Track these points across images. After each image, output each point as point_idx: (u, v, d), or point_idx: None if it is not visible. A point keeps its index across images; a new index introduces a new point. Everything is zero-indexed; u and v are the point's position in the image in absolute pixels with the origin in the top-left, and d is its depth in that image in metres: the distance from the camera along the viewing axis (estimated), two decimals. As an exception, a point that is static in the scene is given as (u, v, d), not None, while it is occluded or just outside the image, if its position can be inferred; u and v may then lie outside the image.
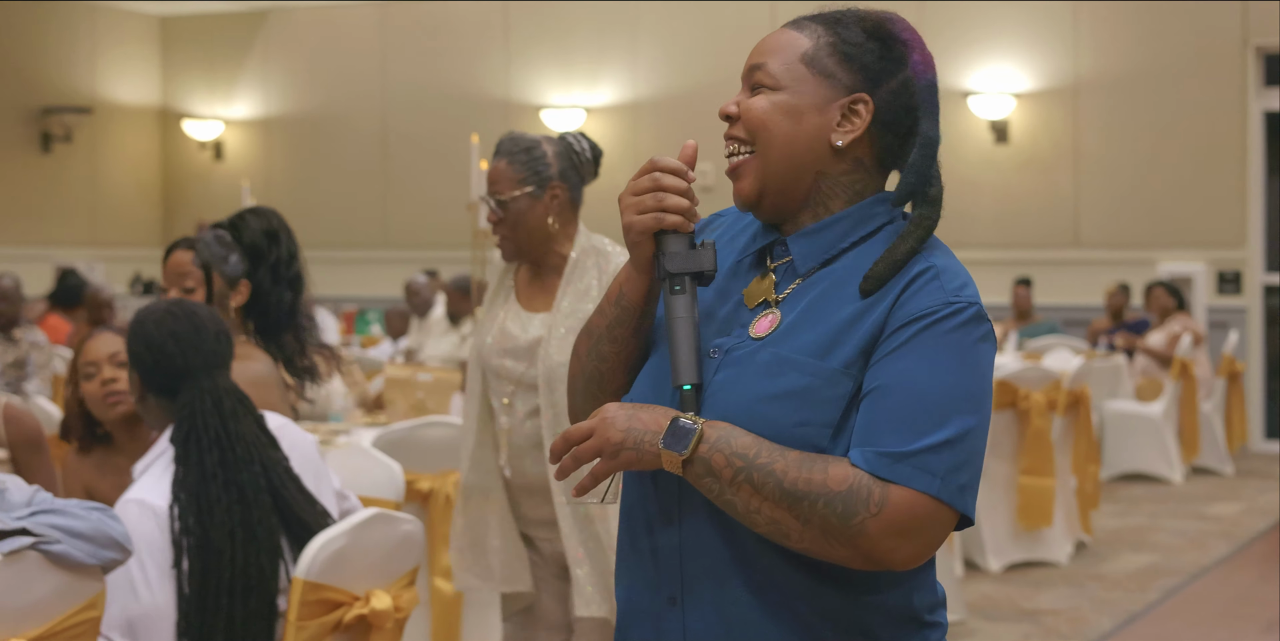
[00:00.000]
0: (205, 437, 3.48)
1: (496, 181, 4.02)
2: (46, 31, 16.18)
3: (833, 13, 2.17)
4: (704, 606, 2.06)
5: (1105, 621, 7.25)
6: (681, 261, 2.04)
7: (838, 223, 2.11)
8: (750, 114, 2.10)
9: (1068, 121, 14.22)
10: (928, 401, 1.99)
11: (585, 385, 2.18)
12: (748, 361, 2.05)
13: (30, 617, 3.07)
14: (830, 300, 2.07)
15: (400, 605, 3.56)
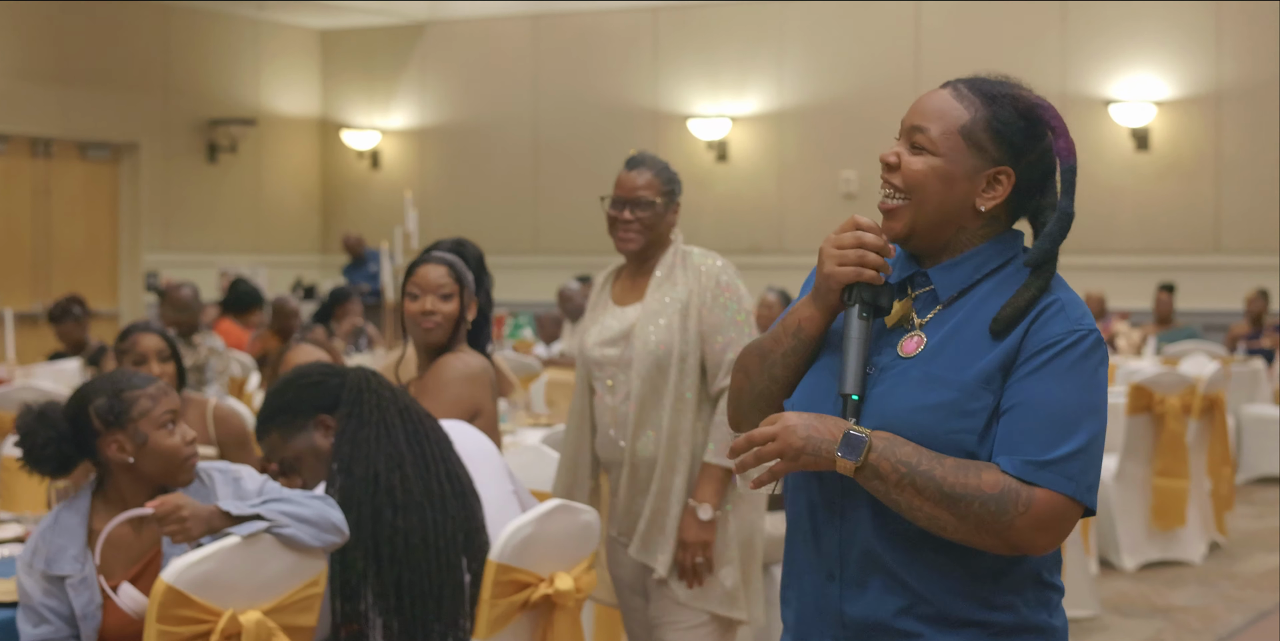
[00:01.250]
0: (370, 396, 3.92)
1: (643, 187, 4.61)
2: (212, 46, 16.86)
3: (990, 87, 2.51)
4: (855, 582, 2.45)
5: (1236, 618, 7.51)
6: (870, 296, 2.42)
7: (974, 256, 2.47)
8: (910, 172, 2.44)
9: (1209, 128, 14.37)
10: (1062, 416, 2.36)
11: (754, 400, 2.55)
12: (902, 377, 2.41)
13: (264, 592, 3.53)
14: (969, 325, 2.43)
15: (581, 586, 3.98)
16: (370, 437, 3.86)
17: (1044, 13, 14.86)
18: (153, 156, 16.28)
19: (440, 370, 4.56)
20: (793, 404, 2.52)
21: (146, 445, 3.66)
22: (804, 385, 2.51)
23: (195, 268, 16.32)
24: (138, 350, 5.34)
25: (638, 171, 4.63)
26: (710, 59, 16.26)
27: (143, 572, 3.67)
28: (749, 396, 2.55)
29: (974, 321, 2.43)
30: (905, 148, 2.46)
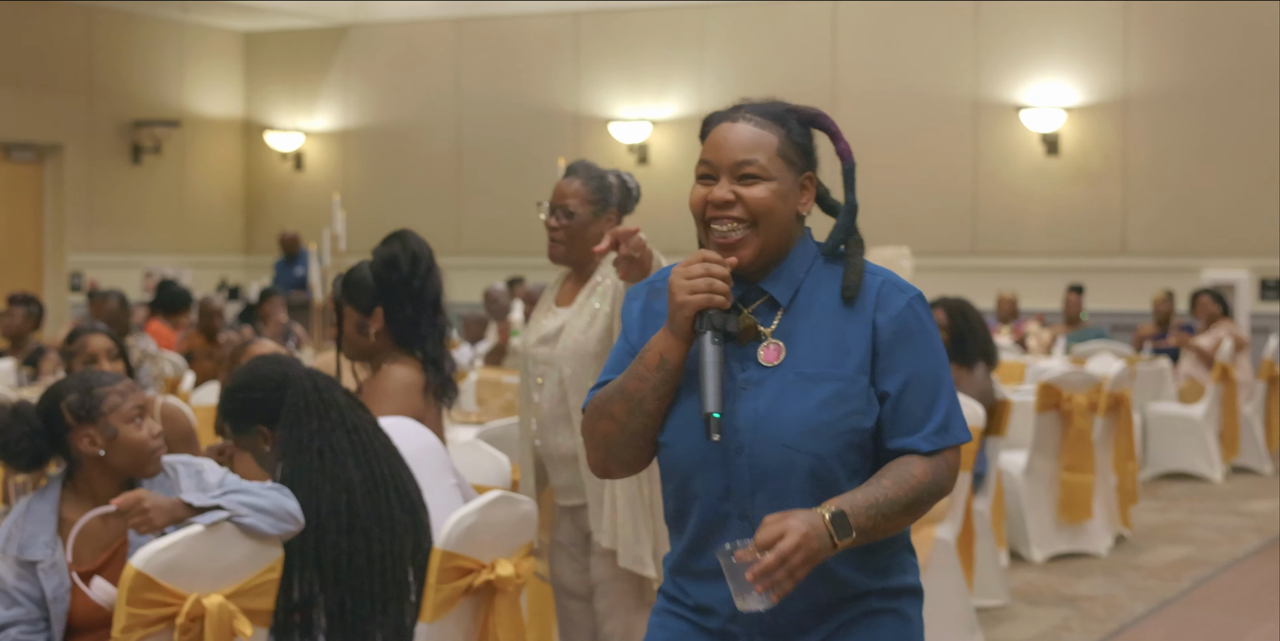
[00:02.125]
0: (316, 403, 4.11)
1: (569, 196, 4.74)
2: (137, 48, 16.97)
3: (772, 109, 2.78)
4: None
5: (1139, 607, 7.84)
6: (720, 322, 2.66)
7: (792, 261, 2.76)
8: (756, 201, 2.69)
9: (1117, 134, 14.78)
10: (934, 382, 2.71)
11: (628, 440, 2.73)
12: (780, 383, 2.66)
13: (225, 577, 3.75)
14: (817, 319, 2.71)
15: (520, 572, 4.23)
16: (312, 464, 4.00)
17: (958, 22, 15.21)
18: (77, 157, 16.38)
19: (377, 382, 4.76)
20: (669, 436, 2.73)
21: (116, 439, 3.88)
22: (675, 415, 2.73)
23: (120, 268, 16.44)
24: (87, 350, 5.55)
25: (568, 179, 4.75)
26: (631, 63, 16.53)
27: (110, 560, 3.88)
28: (621, 438, 2.73)
29: (818, 314, 2.72)
30: (732, 183, 2.71)
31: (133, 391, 3.92)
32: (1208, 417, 12.19)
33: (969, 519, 7.37)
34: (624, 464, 2.77)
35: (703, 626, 2.77)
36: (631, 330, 2.81)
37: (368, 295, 4.86)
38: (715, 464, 2.68)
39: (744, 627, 2.72)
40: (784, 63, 15.86)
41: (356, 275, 4.89)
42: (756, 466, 2.66)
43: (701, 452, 2.69)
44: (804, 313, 2.72)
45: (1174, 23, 14.54)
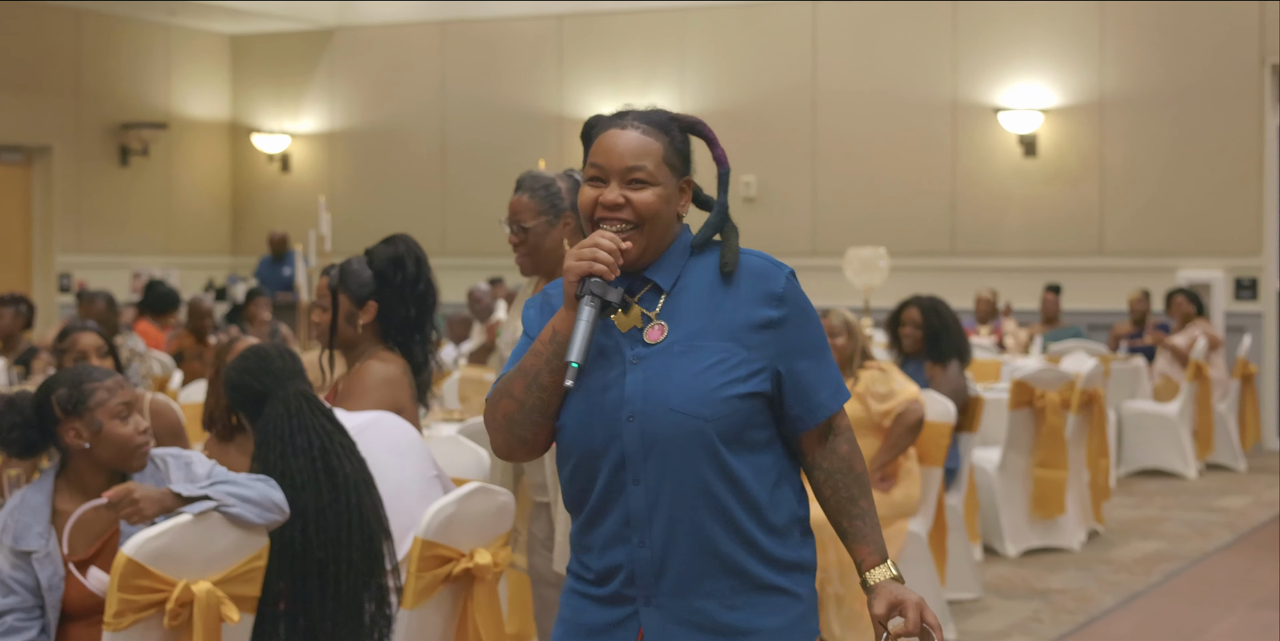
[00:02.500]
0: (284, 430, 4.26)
1: (520, 212, 4.83)
2: (124, 50, 17.09)
3: (657, 117, 2.98)
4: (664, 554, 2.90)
5: (1109, 599, 8.02)
6: (599, 289, 2.86)
7: (672, 252, 2.97)
8: (644, 204, 2.90)
9: (1093, 136, 14.95)
10: (820, 348, 2.96)
11: (527, 415, 2.91)
12: (667, 355, 2.87)
13: (213, 565, 3.91)
14: (697, 298, 2.92)
15: (498, 561, 4.38)
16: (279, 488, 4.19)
17: (937, 24, 15.38)
18: (65, 159, 16.50)
19: (360, 376, 4.92)
20: (566, 418, 2.91)
21: (101, 433, 4.03)
22: (570, 399, 2.91)
23: (108, 269, 16.57)
24: (77, 348, 5.70)
25: (517, 195, 4.85)
26: (614, 64, 16.68)
27: (102, 550, 4.03)
28: (520, 415, 2.91)
29: (698, 294, 2.93)
30: (621, 186, 2.92)
31: (121, 387, 4.07)
32: (1182, 415, 12.36)
33: (941, 513, 7.53)
34: (524, 442, 2.93)
35: (600, 596, 2.92)
36: (532, 327, 2.99)
37: (363, 288, 5.02)
38: (610, 435, 2.86)
39: (640, 591, 2.88)
40: (764, 64, 16.02)
41: (354, 266, 5.04)
42: (648, 433, 2.83)
43: (596, 426, 2.87)
44: (685, 294, 2.93)
45: (1149, 25, 14.71)
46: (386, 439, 4.57)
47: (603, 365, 2.90)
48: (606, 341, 2.92)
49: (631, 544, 2.87)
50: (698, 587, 2.87)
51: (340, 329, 5.02)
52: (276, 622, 4.17)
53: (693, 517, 2.85)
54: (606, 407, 2.87)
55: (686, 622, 2.87)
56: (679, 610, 2.87)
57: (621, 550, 2.87)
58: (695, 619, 2.87)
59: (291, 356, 4.48)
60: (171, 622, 3.82)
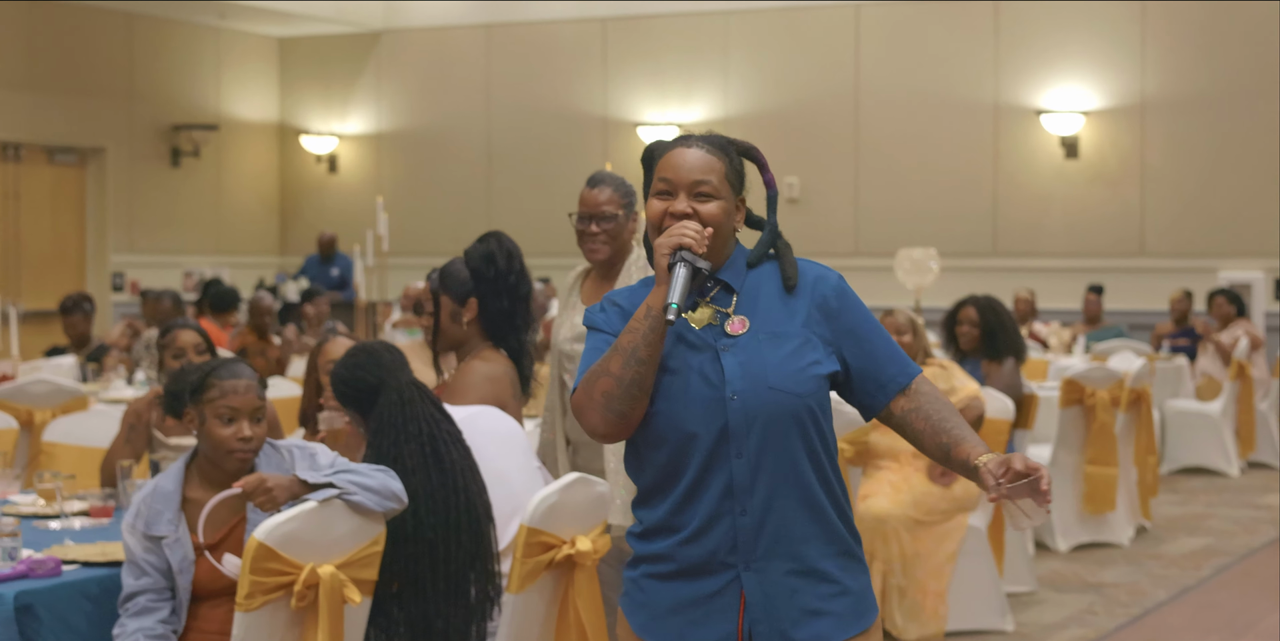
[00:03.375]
0: (398, 418, 4.48)
1: (603, 203, 5.16)
2: (176, 54, 17.36)
3: (719, 141, 3.26)
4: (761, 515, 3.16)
5: (1161, 593, 8.19)
6: (690, 257, 3.12)
7: (736, 258, 3.25)
8: (710, 216, 3.18)
9: (1134, 138, 15.12)
10: (877, 332, 3.25)
11: (626, 390, 3.12)
12: (754, 343, 3.15)
13: (335, 549, 4.12)
14: (768, 298, 3.21)
15: (597, 547, 4.59)
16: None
17: (979, 27, 15.56)
18: (118, 160, 16.77)
19: (464, 374, 5.15)
20: (662, 403, 3.15)
21: (204, 427, 4.26)
22: (664, 384, 3.16)
23: (159, 268, 16.85)
24: (177, 344, 5.94)
25: (599, 188, 5.17)
26: (657, 68, 16.88)
27: (229, 535, 4.25)
28: (618, 391, 3.13)
29: (768, 292, 3.23)
30: (689, 199, 3.20)
31: (236, 393, 4.26)
32: (1224, 414, 12.51)
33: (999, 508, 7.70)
34: (622, 417, 3.13)
35: (692, 570, 3.16)
36: (605, 324, 3.24)
37: (463, 286, 5.25)
38: (711, 414, 3.12)
39: (741, 557, 3.13)
40: (807, 66, 16.21)
41: (453, 267, 5.28)
42: (751, 409, 3.11)
43: (696, 407, 3.12)
44: (755, 295, 3.22)
45: (1190, 27, 14.87)
46: (489, 429, 4.79)
47: (691, 354, 3.16)
48: (689, 335, 3.19)
49: (734, 513, 3.12)
50: (792, 549, 3.14)
51: (446, 328, 5.24)
52: (390, 603, 4.39)
53: (787, 485, 3.13)
54: (705, 389, 3.13)
55: (782, 583, 3.14)
56: (775, 571, 3.14)
57: (724, 521, 3.12)
58: (790, 578, 3.14)
59: (395, 350, 4.69)
60: (298, 604, 4.03)
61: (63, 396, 8.21)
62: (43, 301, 15.29)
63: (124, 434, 5.66)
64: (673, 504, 3.17)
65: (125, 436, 5.65)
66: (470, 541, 4.42)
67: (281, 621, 4.06)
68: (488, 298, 5.26)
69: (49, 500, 5.25)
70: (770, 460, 3.12)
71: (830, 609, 3.17)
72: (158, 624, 4.18)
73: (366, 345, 4.68)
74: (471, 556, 4.43)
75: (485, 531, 4.48)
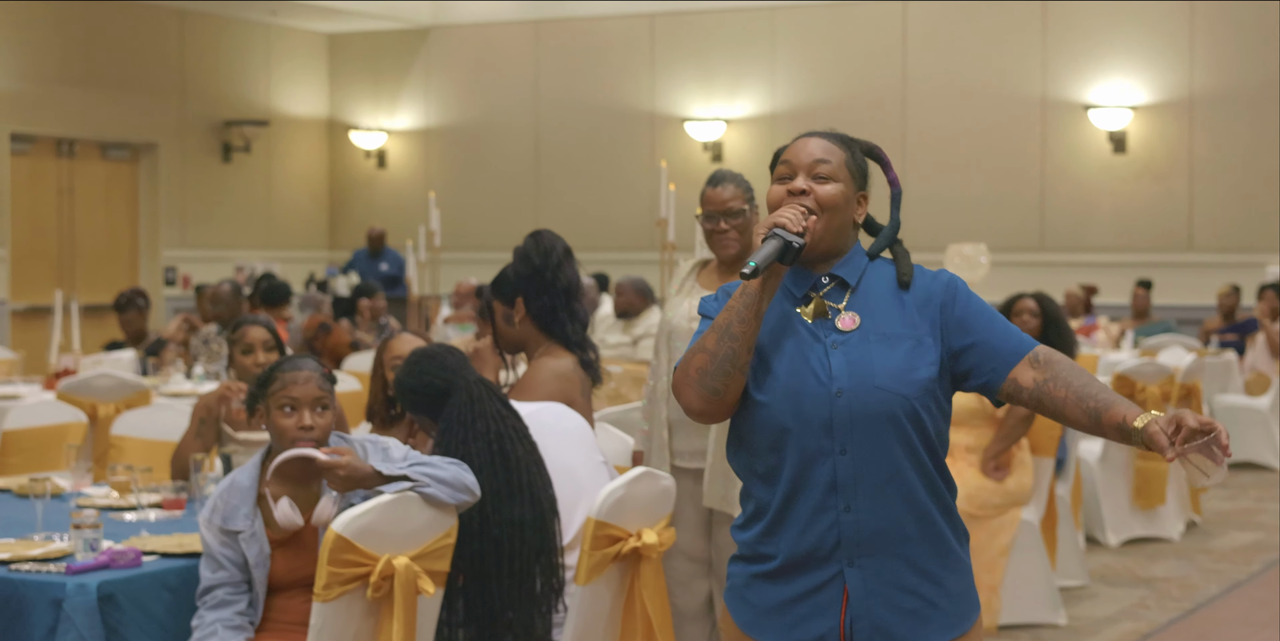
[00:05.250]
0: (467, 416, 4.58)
1: (730, 199, 5.36)
2: (226, 50, 17.51)
3: (841, 136, 3.31)
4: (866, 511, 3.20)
5: (1213, 587, 8.24)
6: (783, 233, 3.14)
7: (854, 255, 3.27)
8: (826, 195, 3.21)
9: (1182, 132, 15.12)
10: (991, 317, 3.23)
11: (719, 365, 3.14)
12: (864, 343, 3.17)
13: (409, 541, 4.21)
14: (881, 297, 3.23)
15: (662, 541, 4.67)
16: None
17: (1026, 22, 15.58)
18: (170, 156, 16.93)
19: (533, 372, 5.24)
20: (767, 394, 3.18)
21: (269, 418, 4.37)
22: (770, 376, 3.19)
23: (211, 263, 17.00)
24: (245, 340, 6.04)
25: (722, 186, 5.37)
26: (705, 63, 16.95)
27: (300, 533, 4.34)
28: (712, 367, 3.16)
29: (882, 293, 3.24)
30: (808, 179, 3.24)
31: (296, 383, 4.36)
32: (1273, 409, 12.53)
33: (1052, 503, 7.77)
34: (716, 393, 3.16)
35: (795, 566, 3.19)
36: (717, 311, 3.28)
37: (509, 288, 5.35)
38: (816, 409, 3.14)
39: (845, 553, 3.16)
40: (854, 62, 16.25)
41: (502, 274, 5.38)
42: (855, 407, 3.12)
43: (803, 400, 3.15)
44: (869, 294, 3.23)
45: (1239, 23, 14.86)
46: (555, 425, 4.88)
47: (800, 347, 3.18)
48: (801, 329, 3.22)
49: (838, 509, 3.15)
50: (895, 547, 3.17)
51: (503, 331, 5.34)
52: (457, 595, 4.49)
53: (891, 484, 3.15)
54: (813, 384, 3.15)
55: (886, 581, 3.17)
56: (879, 569, 3.16)
57: (827, 516, 3.15)
58: (893, 576, 3.17)
59: (456, 350, 4.79)
60: (374, 594, 4.12)
61: (126, 390, 8.32)
62: (97, 296, 15.45)
63: (194, 427, 5.77)
64: (778, 497, 3.20)
65: (195, 430, 5.76)
66: (535, 536, 4.51)
67: (358, 611, 4.16)
68: (531, 295, 5.34)
69: (123, 493, 5.36)
70: (874, 458, 3.14)
71: (932, 609, 3.19)
72: (235, 615, 4.28)
73: (427, 350, 4.76)
74: (536, 551, 4.51)
75: (550, 526, 4.57)
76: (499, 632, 4.51)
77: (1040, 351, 3.19)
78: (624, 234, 16.67)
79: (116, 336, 11.52)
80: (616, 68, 17.32)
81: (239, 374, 6.02)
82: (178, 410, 6.87)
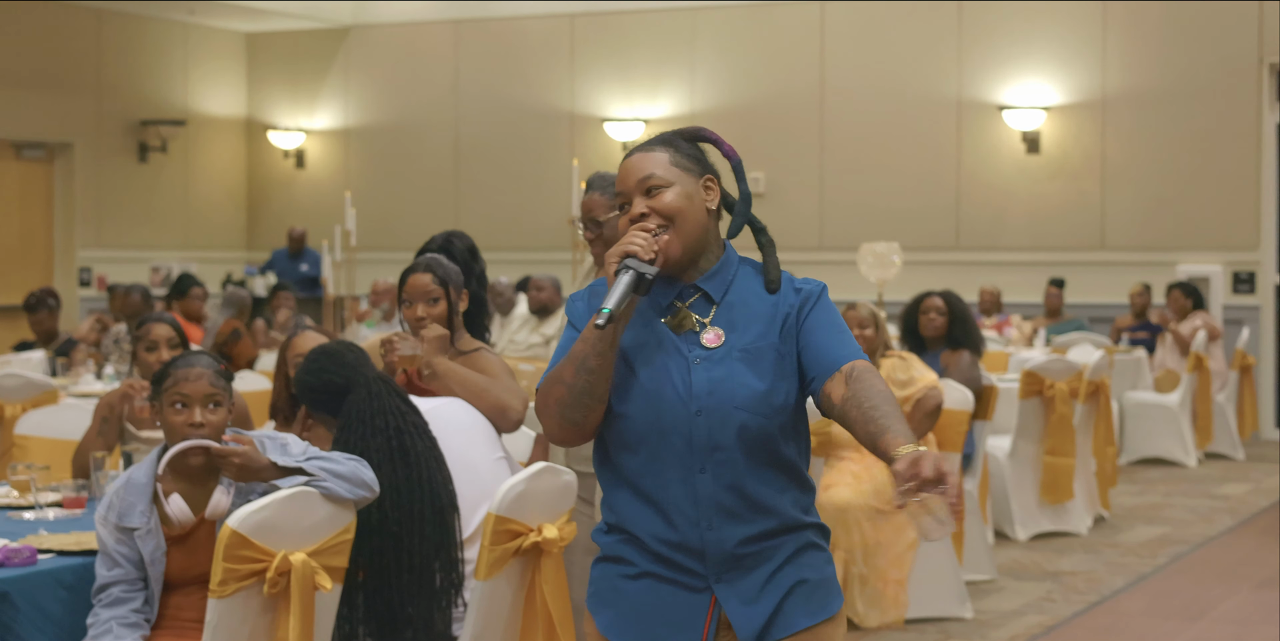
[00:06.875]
0: (366, 412, 4.59)
1: (593, 209, 5.28)
2: (144, 49, 17.40)
3: (661, 136, 3.27)
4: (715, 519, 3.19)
5: (1119, 580, 8.35)
6: (634, 264, 3.11)
7: (723, 265, 3.24)
8: (665, 205, 3.17)
9: (1095, 133, 15.28)
10: (838, 327, 3.21)
11: (577, 398, 3.10)
12: (727, 360, 3.14)
13: (307, 537, 4.22)
14: (746, 309, 3.21)
15: (563, 535, 4.70)
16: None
17: (942, 23, 15.70)
18: (86, 156, 16.82)
19: (488, 364, 5.25)
20: (631, 408, 3.16)
21: (162, 413, 4.37)
22: (633, 390, 3.16)
23: (127, 263, 16.89)
24: (150, 337, 6.04)
25: (589, 194, 5.31)
26: (625, 63, 16.99)
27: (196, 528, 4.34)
28: (570, 398, 3.14)
29: (749, 304, 3.21)
30: (642, 199, 3.20)
31: (189, 381, 4.35)
32: (1183, 406, 12.70)
33: (959, 497, 7.85)
34: (575, 424, 3.15)
35: (666, 576, 3.19)
36: (579, 319, 3.26)
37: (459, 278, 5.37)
38: (675, 428, 3.12)
39: (711, 569, 3.17)
40: (772, 63, 16.33)
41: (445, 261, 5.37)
42: (714, 425, 3.11)
43: (663, 418, 3.13)
44: (735, 304, 3.20)
45: (1151, 24, 15.03)
46: (455, 419, 4.91)
47: (664, 359, 3.16)
48: (666, 341, 3.18)
49: (700, 527, 3.15)
50: (758, 559, 3.18)
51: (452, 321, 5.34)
52: (356, 592, 4.50)
53: (750, 501, 3.15)
54: (673, 401, 3.13)
55: (751, 588, 3.18)
56: (744, 580, 3.18)
57: (694, 529, 3.15)
58: (758, 581, 3.18)
59: (355, 347, 4.80)
60: (270, 590, 4.13)
61: (33, 390, 8.28)
62: (9, 297, 15.33)
63: (96, 426, 5.76)
64: (642, 508, 3.19)
65: (97, 428, 5.75)
66: (435, 532, 4.53)
67: (254, 608, 4.16)
68: (474, 291, 5.42)
69: (23, 491, 5.34)
70: (733, 477, 3.13)
71: (795, 600, 3.20)
72: (131, 613, 4.28)
73: (326, 348, 4.77)
74: (436, 546, 4.54)
75: (450, 521, 4.59)
76: (399, 628, 4.53)
77: (857, 367, 3.14)
78: (543, 233, 16.68)
79: (28, 337, 11.44)
80: (537, 68, 17.34)
81: (143, 372, 6.01)
82: (83, 409, 6.84)
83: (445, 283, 5.34)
